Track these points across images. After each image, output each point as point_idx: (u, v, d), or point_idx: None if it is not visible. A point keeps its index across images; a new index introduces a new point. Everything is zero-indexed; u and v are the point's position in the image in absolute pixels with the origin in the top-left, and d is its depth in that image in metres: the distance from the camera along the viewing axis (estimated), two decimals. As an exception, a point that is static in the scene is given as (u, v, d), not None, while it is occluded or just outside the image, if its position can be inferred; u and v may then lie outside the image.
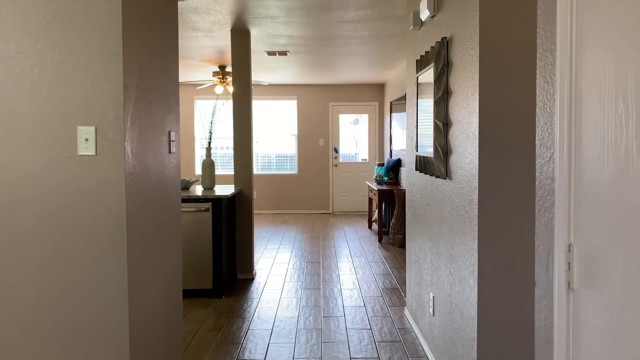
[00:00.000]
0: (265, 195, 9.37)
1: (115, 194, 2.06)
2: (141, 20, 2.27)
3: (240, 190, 4.95)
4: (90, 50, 2.04)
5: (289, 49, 5.92)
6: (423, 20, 3.14)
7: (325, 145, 9.40)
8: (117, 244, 2.06)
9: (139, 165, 2.23)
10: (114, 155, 2.06)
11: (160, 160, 2.53)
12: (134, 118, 2.17)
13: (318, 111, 9.40)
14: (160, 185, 2.52)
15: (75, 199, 2.05)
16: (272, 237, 6.94)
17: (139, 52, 2.23)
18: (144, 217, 2.28)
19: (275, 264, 5.43)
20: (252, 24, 4.72)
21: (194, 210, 4.27)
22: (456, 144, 2.54)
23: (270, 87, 9.37)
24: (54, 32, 2.04)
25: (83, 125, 2.06)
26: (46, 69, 2.04)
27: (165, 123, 2.61)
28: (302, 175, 9.39)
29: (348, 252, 6.00)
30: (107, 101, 2.06)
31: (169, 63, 2.70)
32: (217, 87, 7.30)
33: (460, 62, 2.47)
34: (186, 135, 9.36)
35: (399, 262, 5.47)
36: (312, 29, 4.93)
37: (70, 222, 2.05)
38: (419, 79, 3.26)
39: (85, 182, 2.05)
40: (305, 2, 4.04)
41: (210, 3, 4.03)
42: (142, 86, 2.27)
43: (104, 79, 2.05)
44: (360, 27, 4.87)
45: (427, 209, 3.16)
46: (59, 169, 2.05)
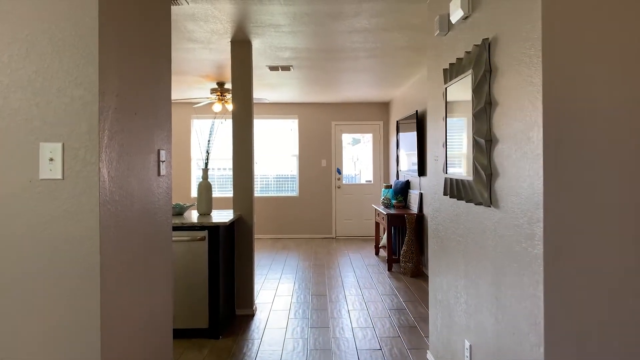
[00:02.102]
0: (264, 218, 8.89)
1: (86, 227, 1.61)
2: (124, 16, 1.85)
3: (239, 216, 4.49)
4: (57, 47, 1.61)
5: (293, 63, 5.52)
6: (453, 22, 2.74)
7: (328, 166, 8.96)
8: (87, 288, 1.60)
9: (119, 191, 1.78)
10: (85, 179, 1.62)
11: (146, 184, 2.08)
12: (112, 133, 1.72)
13: (320, 131, 9.00)
14: (145, 214, 2.06)
15: (36, 235, 1.60)
16: (272, 265, 6.44)
17: (120, 53, 1.80)
18: (124, 253, 1.82)
19: (278, 297, 4.93)
20: (254, 34, 4.33)
21: (188, 240, 3.80)
22: (505, 164, 2.11)
23: (271, 105, 8.98)
24: (11, 25, 1.61)
25: (47, 142, 1.62)
26: (1, 72, 1.61)
27: (153, 140, 2.17)
28: (303, 197, 8.93)
29: (356, 282, 5.51)
30: (77, 111, 1.62)
31: (159, 69, 2.27)
32: (215, 105, 6.89)
33: (510, 66, 2.05)
34: (182, 155, 8.92)
35: (412, 295, 4.99)
36: (319, 39, 4.54)
37: (29, 263, 1.59)
38: (449, 91, 2.84)
39: (48, 213, 1.60)
40: (314, 8, 3.64)
41: (209, 9, 3.63)
42: (125, 94, 1.84)
43: (74, 83, 1.62)
44: (371, 37, 4.48)
45: (461, 241, 2.71)
46: (15, 196, 1.60)
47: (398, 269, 6.22)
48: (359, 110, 9.00)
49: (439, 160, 3.17)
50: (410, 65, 5.80)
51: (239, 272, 4.46)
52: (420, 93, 6.42)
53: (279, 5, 3.57)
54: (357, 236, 8.91)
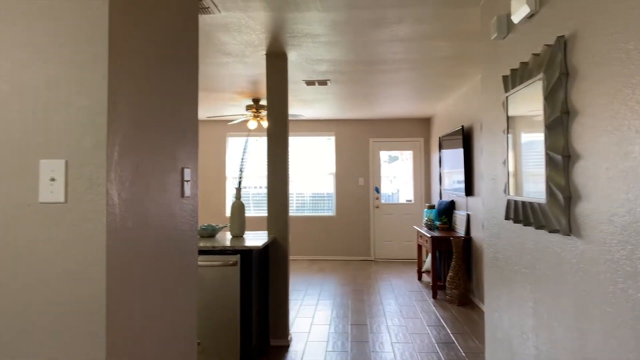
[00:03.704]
0: (300, 238, 8.60)
1: (91, 261, 1.35)
2: (141, 16, 1.61)
3: (274, 239, 4.20)
4: (61, 51, 1.38)
5: (330, 77, 5.27)
6: (516, 22, 2.40)
7: (365, 184, 8.62)
8: (90, 336, 1.34)
9: (132, 216, 1.51)
10: (92, 202, 1.36)
11: (167, 207, 1.82)
12: (124, 148, 1.47)
13: (357, 148, 8.68)
14: (165, 242, 1.80)
15: (32, 269, 1.35)
16: (308, 290, 6.11)
17: (136, 60, 1.56)
18: (138, 289, 1.55)
19: (314, 326, 4.59)
20: (290, 46, 4.09)
21: (219, 265, 3.53)
22: (591, 185, 1.74)
23: (306, 122, 8.75)
24: (12, 26, 1.38)
25: (48, 158, 1.37)
26: (1, 79, 1.38)
27: (176, 157, 1.91)
28: (340, 217, 8.60)
29: (398, 310, 5.11)
30: (83, 123, 1.37)
31: (184, 81, 2.02)
32: (250, 122, 6.69)
33: (597, 67, 1.70)
34: (217, 174, 8.77)
35: (461, 326, 4.56)
36: (358, 50, 4.26)
37: (22, 304, 1.34)
38: (511, 100, 2.49)
39: (48, 243, 1.35)
40: (354, 14, 3.37)
41: (242, 18, 3.41)
42: (141, 106, 1.59)
43: (79, 91, 1.37)
44: (414, 46, 4.17)
45: (527, 274, 2.33)
46: (10, 223, 1.36)
47: (443, 296, 5.78)
48: (398, 127, 8.65)
49: (497, 180, 2.80)
50: (455, 77, 5.45)
51: (273, 299, 4.16)
52: (467, 107, 6.04)
53: (317, 12, 3.32)
54: (398, 259, 8.48)
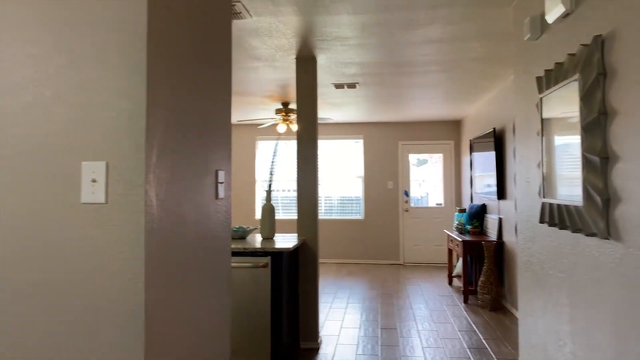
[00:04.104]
0: (328, 241, 8.60)
1: (131, 259, 1.39)
2: (177, 25, 1.65)
3: (303, 241, 4.22)
4: (102, 56, 1.42)
5: (359, 80, 5.27)
6: (550, 22, 2.36)
7: (395, 187, 8.57)
8: (131, 333, 1.37)
9: (169, 217, 1.55)
10: (131, 203, 1.40)
11: (202, 208, 1.85)
12: (162, 151, 1.50)
13: (386, 151, 8.64)
14: (201, 242, 1.83)
15: (75, 267, 1.39)
16: (337, 293, 6.11)
17: (172, 64, 1.59)
18: (175, 288, 1.58)
19: (344, 330, 4.59)
20: (319, 49, 4.11)
21: (250, 266, 3.57)
22: (631, 188, 1.70)
23: (334, 125, 8.77)
24: (55, 33, 1.44)
25: (89, 160, 1.42)
26: (44, 83, 1.44)
27: (210, 159, 1.95)
28: (369, 220, 8.56)
29: (429, 315, 5.06)
30: (122, 126, 1.41)
31: (218, 85, 2.06)
32: (280, 126, 6.75)
33: (636, 67, 1.66)
34: (247, 177, 8.87)
35: (493, 332, 4.48)
36: (388, 52, 4.25)
37: (63, 302, 1.39)
38: (545, 101, 2.45)
39: (89, 242, 1.39)
40: (385, 16, 3.37)
41: (273, 22, 3.45)
42: (177, 109, 1.63)
43: (119, 95, 1.41)
44: (445, 48, 4.14)
45: (564, 279, 2.28)
46: (55, 223, 1.41)
47: (475, 301, 5.70)
48: (428, 129, 8.58)
49: (531, 183, 2.76)
50: (486, 79, 5.38)
51: (303, 301, 4.18)
52: (498, 109, 5.95)
53: (347, 15, 3.33)
54: (427, 263, 8.39)
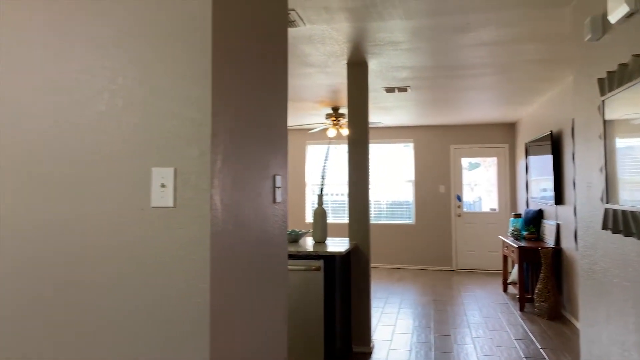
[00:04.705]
0: (378, 246, 8.57)
1: (196, 260, 1.45)
2: (239, 36, 1.72)
3: (355, 246, 4.24)
4: (170, 67, 1.50)
5: (410, 83, 5.24)
6: (613, 22, 2.29)
7: (447, 192, 8.44)
8: (197, 331, 1.44)
9: (232, 220, 1.62)
10: (197, 207, 1.47)
11: (261, 212, 1.91)
12: (226, 157, 1.57)
13: (438, 155, 8.53)
14: (261, 245, 1.89)
15: (145, 268, 1.47)
16: (389, 298, 6.08)
17: (234, 73, 1.66)
18: (237, 290, 1.64)
19: (396, 335, 4.56)
20: (371, 54, 4.13)
21: (303, 269, 3.63)
22: None
23: (384, 129, 8.74)
24: (126, 46, 1.53)
25: (159, 167, 1.50)
26: (117, 94, 1.53)
27: (269, 165, 2.01)
28: (420, 225, 8.47)
29: (483, 322, 4.95)
30: (189, 134, 1.48)
31: (275, 92, 2.12)
32: (330, 130, 6.81)
33: None
34: (297, 181, 8.98)
35: (551, 341, 4.33)
36: (440, 56, 4.22)
37: (133, 302, 1.47)
38: (608, 104, 2.37)
39: (159, 244, 1.47)
40: (437, 21, 3.36)
41: (326, 29, 3.50)
42: (239, 116, 1.69)
43: (186, 103, 1.49)
44: (499, 51, 4.07)
45: (629, 288, 2.19)
46: (126, 225, 1.49)
47: (531, 309, 5.52)
48: (481, 133, 8.40)
49: (592, 187, 2.66)
50: (542, 81, 5.23)
51: (355, 305, 4.19)
52: (556, 111, 5.76)
53: (399, 20, 3.34)
54: (481, 269, 8.20)
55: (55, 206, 1.53)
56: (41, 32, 1.58)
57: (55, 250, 1.52)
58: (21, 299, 1.53)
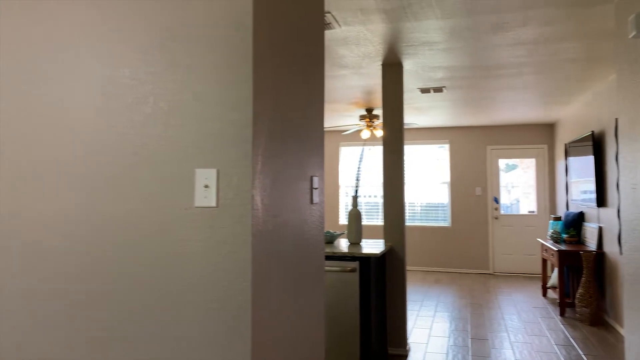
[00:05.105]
0: (413, 249, 8.50)
1: (238, 259, 1.49)
2: (278, 38, 1.75)
3: (390, 248, 4.23)
4: (212, 71, 1.54)
5: (446, 84, 5.20)
6: (660, 18, 2.22)
7: (483, 194, 8.30)
8: (239, 328, 1.47)
9: (272, 220, 1.65)
10: (239, 207, 1.50)
11: (299, 212, 1.94)
12: (266, 158, 1.61)
13: (474, 156, 8.40)
14: (299, 244, 1.92)
15: (189, 266, 1.52)
16: (424, 301, 6.03)
17: (274, 76, 1.70)
18: (277, 288, 1.67)
19: (432, 338, 4.52)
20: (406, 55, 4.12)
21: (338, 270, 3.64)
22: None
23: (419, 130, 8.67)
24: (171, 51, 1.58)
25: (202, 168, 1.54)
26: (162, 97, 1.59)
27: (305, 166, 2.04)
28: (456, 228, 8.36)
29: (522, 327, 4.85)
30: (231, 136, 1.52)
31: (312, 94, 2.15)
32: (364, 132, 6.80)
33: None
34: (331, 183, 9.01)
35: (594, 347, 4.21)
36: (477, 56, 4.17)
37: (180, 297, 1.52)
38: (654, 101, 2.30)
39: (202, 242, 1.52)
40: (474, 20, 3.32)
41: (361, 31, 3.51)
42: (278, 118, 1.73)
43: (228, 107, 1.53)
44: (538, 49, 3.99)
45: (679, 290, 2.11)
46: (171, 224, 1.54)
47: (572, 314, 5.38)
48: (518, 133, 8.23)
49: (638, 189, 2.58)
50: (583, 80, 5.09)
51: (390, 307, 4.18)
52: (597, 111, 5.60)
53: (435, 20, 3.32)
54: (519, 273, 8.03)
55: (103, 206, 1.60)
56: (92, 39, 1.65)
57: (104, 249, 1.59)
58: (72, 295, 1.60)
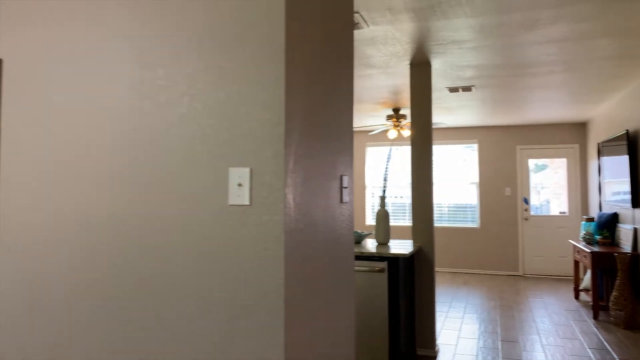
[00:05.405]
0: (440, 250, 8.41)
1: (271, 257, 1.51)
2: (309, 39, 1.77)
3: (419, 248, 4.20)
4: (245, 72, 1.57)
5: (475, 82, 5.13)
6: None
7: (513, 194, 8.16)
8: (272, 325, 1.49)
9: (303, 218, 1.66)
10: (271, 205, 1.52)
11: (329, 211, 1.95)
12: (297, 157, 1.62)
13: (503, 156, 8.27)
14: (329, 243, 1.93)
15: (223, 263, 1.54)
16: (453, 303, 5.96)
17: (304, 77, 1.71)
18: (308, 286, 1.69)
19: (462, 340, 4.47)
20: (434, 54, 4.09)
21: (366, 270, 3.64)
22: None
23: (447, 130, 8.58)
24: (205, 53, 1.61)
25: (235, 167, 1.57)
26: (196, 98, 1.62)
27: (336, 165, 2.05)
28: (485, 229, 8.24)
29: (554, 329, 4.75)
30: (264, 135, 1.54)
31: (342, 92, 2.16)
32: (391, 132, 6.77)
33: None
34: (357, 183, 8.99)
35: (629, 351, 4.10)
36: (507, 54, 4.11)
37: (214, 293, 1.54)
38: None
39: (236, 240, 1.54)
40: (505, 18, 3.28)
41: (389, 30, 3.50)
42: (309, 117, 1.74)
43: (261, 106, 1.55)
44: (570, 47, 3.91)
45: None
46: (205, 222, 1.57)
47: (606, 317, 5.24)
48: (549, 133, 8.07)
49: (678, 187, 2.51)
50: (616, 78, 4.96)
51: (419, 308, 4.15)
52: (632, 109, 5.45)
53: (465, 18, 3.29)
54: (550, 275, 7.86)
55: (139, 204, 1.64)
56: (128, 41, 1.70)
57: (141, 246, 1.62)
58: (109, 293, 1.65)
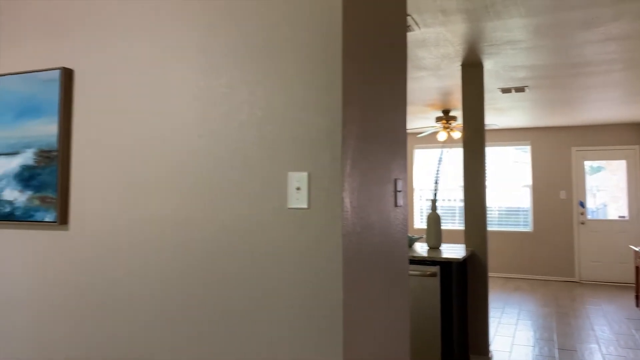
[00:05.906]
0: (491, 255, 8.21)
1: (329, 260, 1.54)
2: (365, 44, 1.79)
3: (472, 253, 4.13)
4: (303, 78, 1.61)
5: (528, 83, 5.00)
6: None
7: (568, 198, 7.87)
8: (331, 327, 1.52)
9: (360, 222, 1.68)
10: (329, 208, 1.55)
11: (384, 215, 1.96)
12: (354, 161, 1.65)
13: (557, 158, 7.99)
14: (384, 247, 1.94)
15: (282, 265, 1.59)
16: (505, 308, 5.82)
17: (361, 82, 1.74)
18: (365, 290, 1.71)
19: (515, 346, 4.36)
20: (487, 54, 4.02)
21: (418, 274, 3.62)
22: None
23: (498, 131, 8.38)
24: (264, 60, 1.67)
25: (294, 171, 1.61)
26: (256, 105, 1.67)
27: (390, 169, 2.06)
28: (538, 233, 7.98)
29: (614, 339, 4.56)
30: (321, 140, 1.58)
31: (396, 96, 2.17)
32: (440, 134, 6.69)
33: None
34: (404, 187, 8.90)
35: (700, 363, 3.88)
36: (562, 53, 3.99)
37: (274, 294, 1.59)
38: None
39: (295, 242, 1.58)
40: (561, 17, 3.19)
41: (440, 32, 3.48)
42: (364, 122, 1.76)
43: (318, 112, 1.58)
44: (631, 45, 3.75)
45: None
46: (266, 225, 1.62)
47: (672, 326, 4.98)
48: (606, 134, 7.74)
49: None
50: (684, 74, 4.71)
51: (472, 313, 4.08)
52: (698, 107, 5.16)
53: (519, 18, 3.22)
54: (609, 282, 7.53)
55: (201, 208, 1.71)
56: (191, 50, 1.77)
57: (203, 249, 1.69)
58: (176, 295, 1.72)
